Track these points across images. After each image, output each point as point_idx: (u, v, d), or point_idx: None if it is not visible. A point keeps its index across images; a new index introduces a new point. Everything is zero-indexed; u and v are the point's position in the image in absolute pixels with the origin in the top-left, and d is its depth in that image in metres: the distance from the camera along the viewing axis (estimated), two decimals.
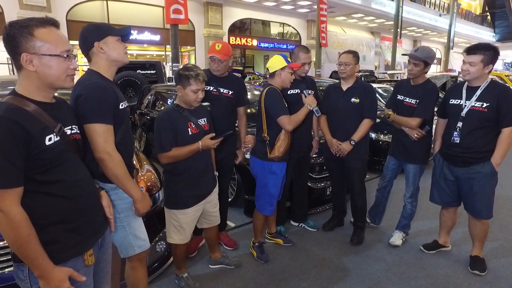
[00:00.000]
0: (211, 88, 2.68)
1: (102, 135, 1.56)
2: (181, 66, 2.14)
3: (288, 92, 2.84)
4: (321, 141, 3.26)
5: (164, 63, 10.83)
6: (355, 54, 2.88)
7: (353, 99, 2.87)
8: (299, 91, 2.81)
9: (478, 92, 2.41)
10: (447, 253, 2.92)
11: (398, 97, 2.94)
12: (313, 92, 2.94)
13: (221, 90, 2.71)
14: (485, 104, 2.36)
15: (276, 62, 2.50)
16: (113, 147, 1.60)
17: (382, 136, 5.11)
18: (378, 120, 3.69)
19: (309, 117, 2.87)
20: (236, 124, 2.95)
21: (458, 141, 2.47)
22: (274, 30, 20.37)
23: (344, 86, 2.94)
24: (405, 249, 3.00)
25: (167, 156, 2.07)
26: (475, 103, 2.40)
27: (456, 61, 28.13)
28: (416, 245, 3.03)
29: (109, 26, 1.73)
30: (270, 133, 2.51)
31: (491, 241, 3.03)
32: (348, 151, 2.86)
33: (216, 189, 2.42)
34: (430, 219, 3.53)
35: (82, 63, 9.50)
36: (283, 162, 2.59)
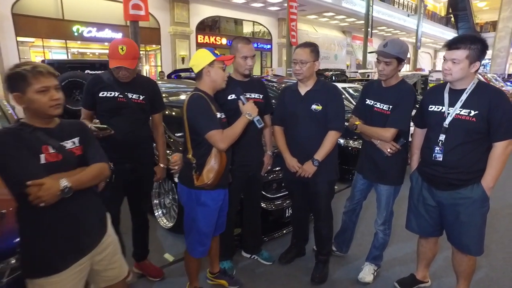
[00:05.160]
0: (116, 94, 2.07)
1: None
2: (11, 66, 1.43)
3: (228, 98, 2.22)
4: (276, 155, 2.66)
5: None
6: (313, 48, 2.25)
7: (314, 106, 2.27)
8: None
9: (464, 96, 1.89)
10: None
11: (367, 102, 2.39)
12: (261, 96, 2.35)
13: (129, 95, 2.10)
14: (472, 112, 1.85)
15: (200, 58, 1.86)
16: None
17: (351, 142, 4.61)
18: (346, 124, 3.15)
19: (255, 127, 2.27)
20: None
21: (440, 159, 1.94)
22: (247, 29, 19.79)
23: (302, 90, 2.33)
24: (376, 286, 2.47)
25: None
26: (460, 111, 1.88)
27: (424, 60, 28.99)
28: (390, 280, 2.50)
29: None
30: (197, 154, 1.86)
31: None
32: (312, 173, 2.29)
33: (109, 232, 1.63)
34: (406, 242, 3.02)
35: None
36: (217, 190, 1.95)
